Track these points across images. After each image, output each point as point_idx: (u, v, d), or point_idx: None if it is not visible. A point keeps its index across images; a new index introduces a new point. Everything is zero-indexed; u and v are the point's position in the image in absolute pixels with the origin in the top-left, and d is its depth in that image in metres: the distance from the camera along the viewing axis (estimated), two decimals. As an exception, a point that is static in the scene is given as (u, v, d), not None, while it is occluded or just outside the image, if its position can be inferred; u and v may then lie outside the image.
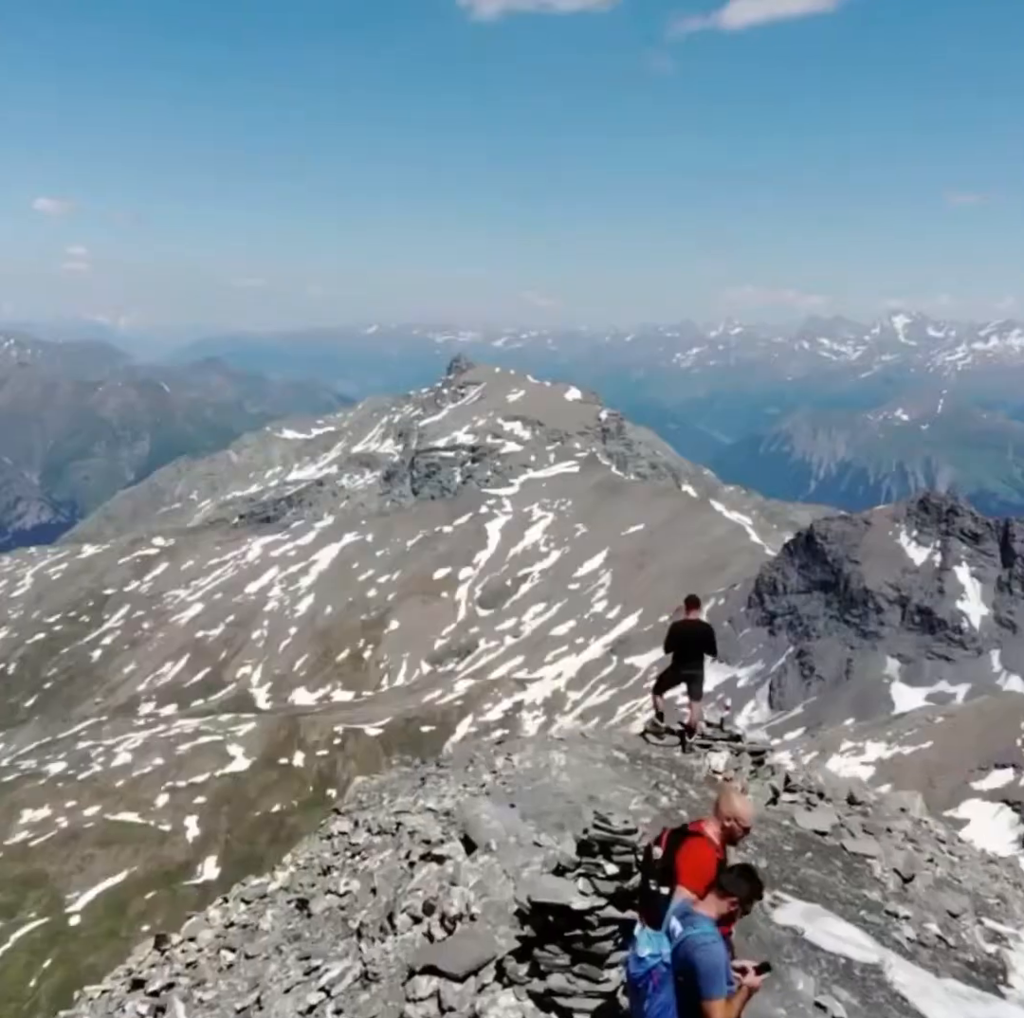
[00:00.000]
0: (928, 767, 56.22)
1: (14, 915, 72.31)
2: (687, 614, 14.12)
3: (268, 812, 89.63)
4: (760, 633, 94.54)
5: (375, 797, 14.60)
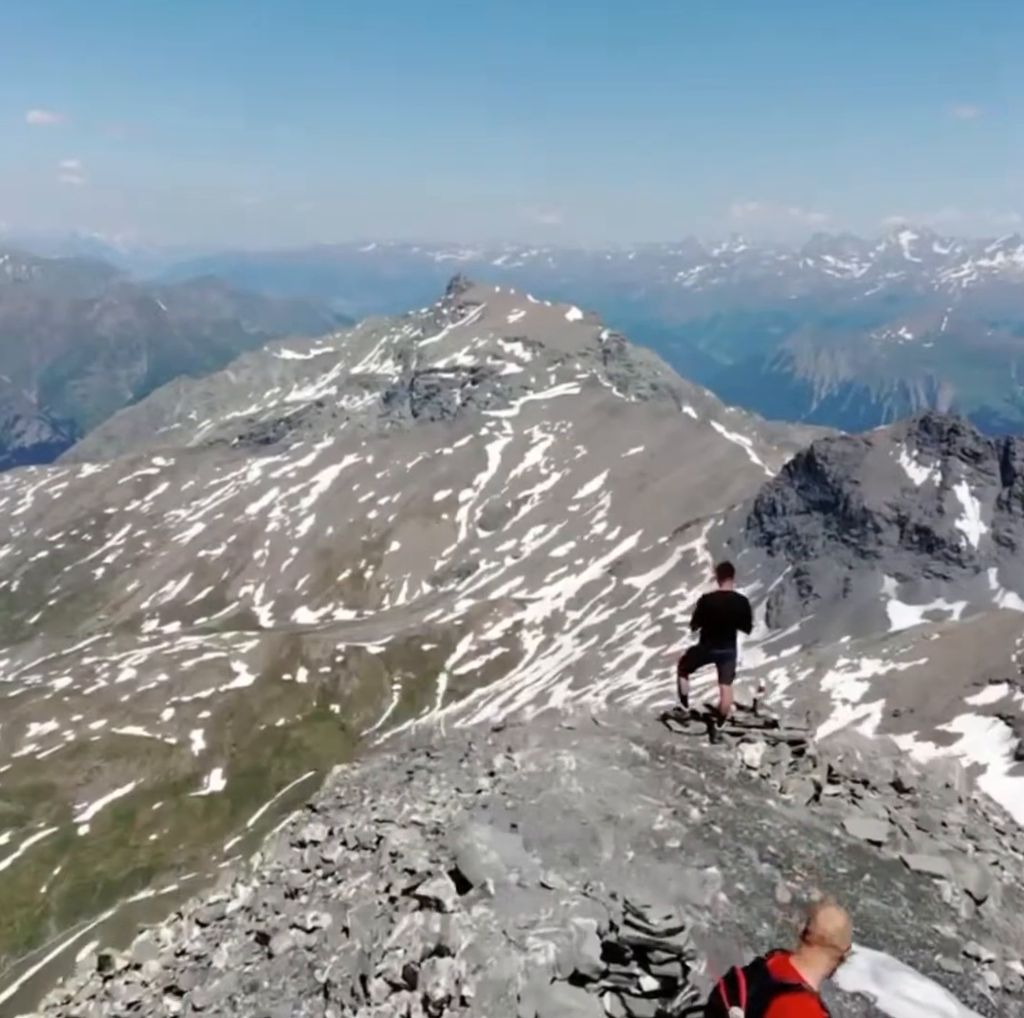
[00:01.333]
0: (922, 683, 56.64)
1: (23, 825, 73.85)
2: (719, 585, 12.26)
3: (272, 726, 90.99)
4: (758, 553, 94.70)
5: (355, 793, 12.37)
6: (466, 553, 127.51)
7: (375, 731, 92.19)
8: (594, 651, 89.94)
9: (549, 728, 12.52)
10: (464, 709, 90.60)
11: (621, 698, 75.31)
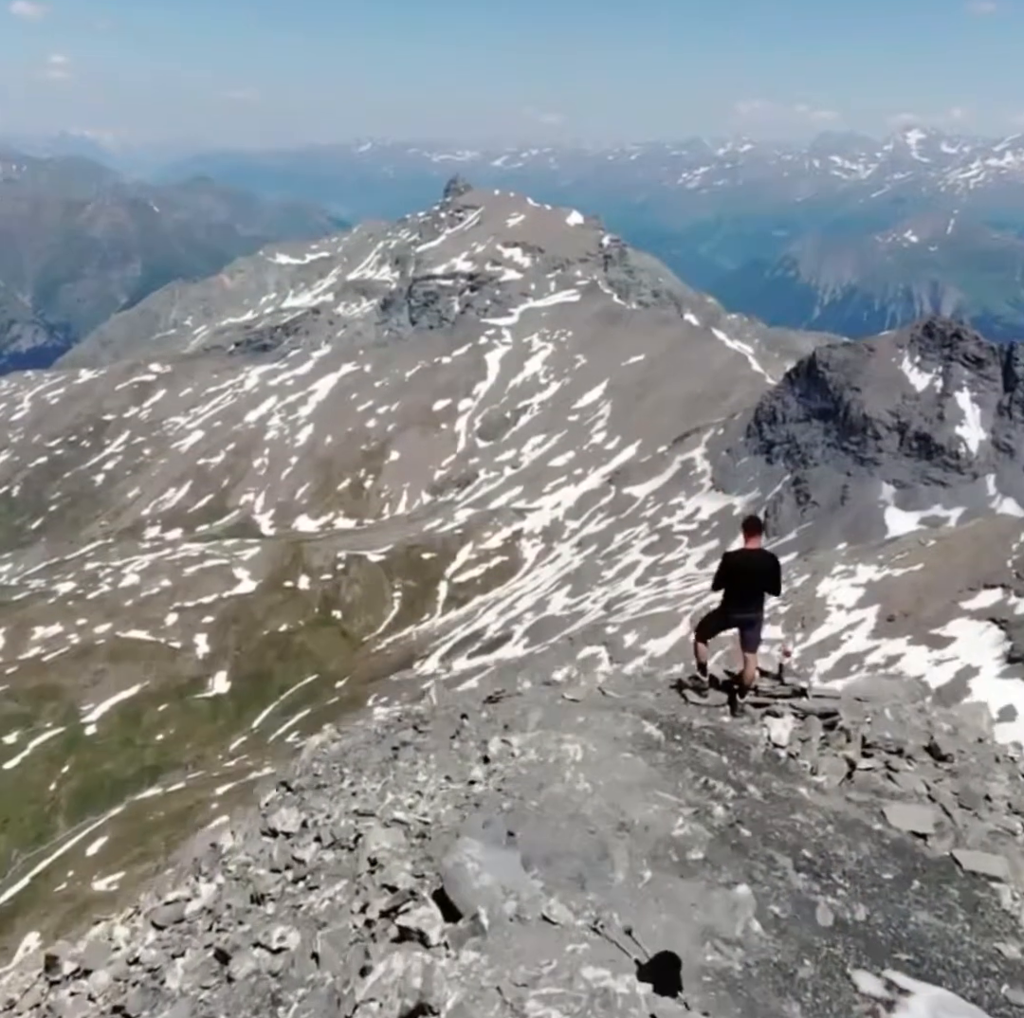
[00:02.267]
0: (917, 588, 56.80)
1: (31, 725, 75.08)
2: (746, 542, 10.68)
3: (275, 631, 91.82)
4: (758, 462, 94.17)
5: (334, 772, 10.84)
6: (465, 463, 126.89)
7: (376, 637, 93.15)
8: (592, 560, 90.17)
9: (551, 700, 10.84)
10: (464, 616, 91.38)
11: (619, 605, 75.83)
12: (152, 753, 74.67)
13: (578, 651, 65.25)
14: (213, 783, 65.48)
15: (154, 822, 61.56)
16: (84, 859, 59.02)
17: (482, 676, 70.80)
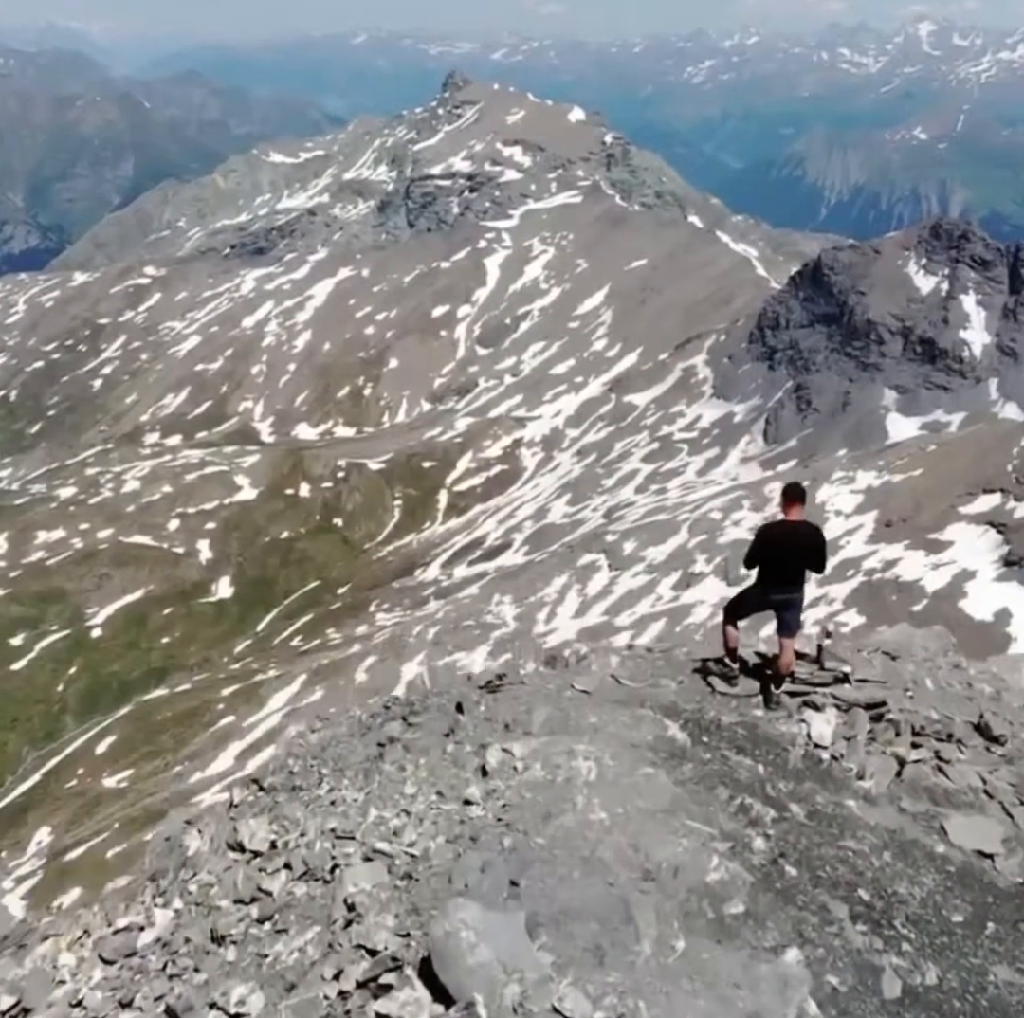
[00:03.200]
0: (916, 494, 56.54)
1: (37, 627, 75.62)
2: (786, 513, 9.21)
3: (277, 538, 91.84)
4: (759, 368, 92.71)
5: (311, 772, 9.29)
6: (465, 371, 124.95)
7: (377, 544, 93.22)
8: (592, 468, 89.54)
9: (558, 692, 9.32)
10: (464, 524, 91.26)
11: (618, 513, 75.56)
12: (158, 655, 75.42)
13: (578, 558, 65.22)
14: (219, 684, 66.23)
15: (161, 721, 62.46)
16: (93, 757, 60.08)
17: (483, 582, 71.08)
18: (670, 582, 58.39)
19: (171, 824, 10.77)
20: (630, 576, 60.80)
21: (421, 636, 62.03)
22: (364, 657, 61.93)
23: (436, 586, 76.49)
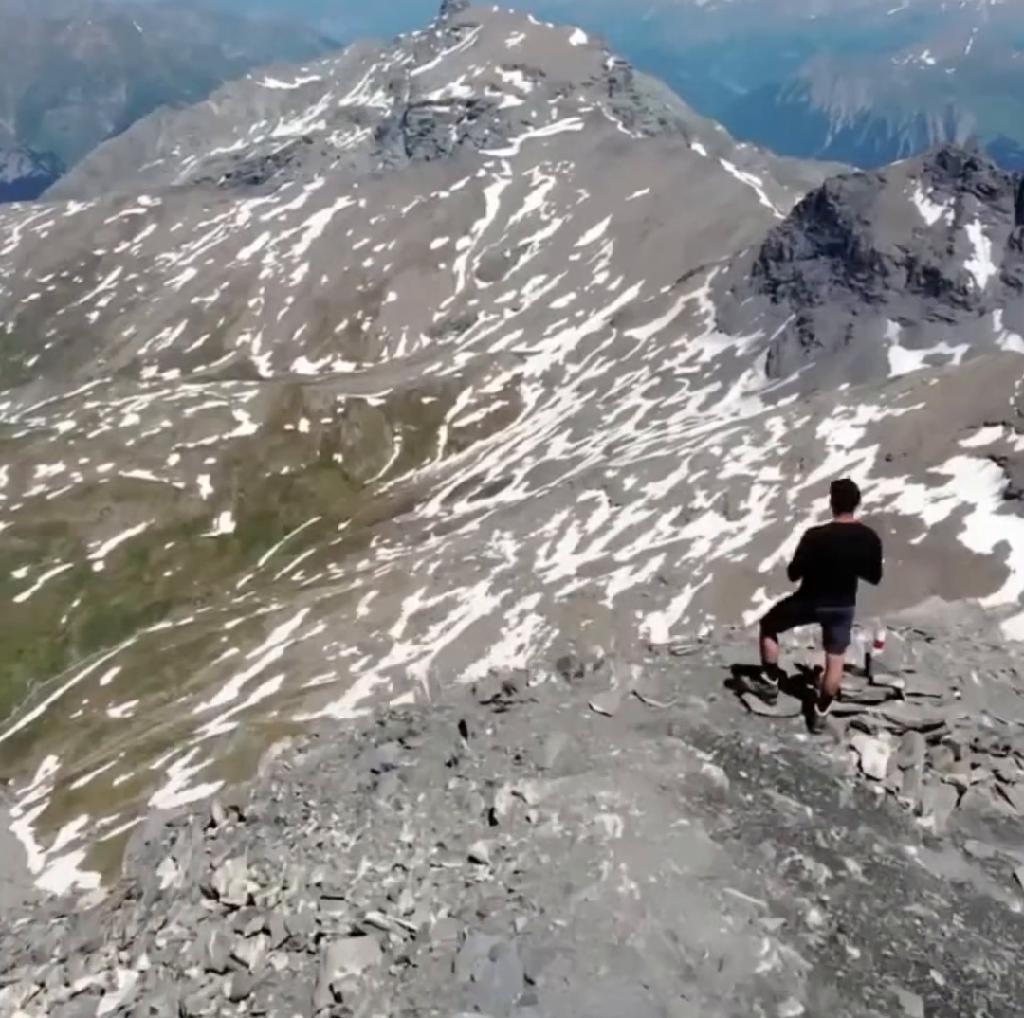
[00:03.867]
0: (918, 427, 55.98)
1: (39, 561, 75.47)
2: (836, 515, 8.01)
3: (277, 474, 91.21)
4: (762, 301, 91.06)
5: (296, 802, 7.88)
6: (464, 305, 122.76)
7: (377, 481, 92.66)
8: (592, 404, 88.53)
9: (574, 714, 7.98)
10: (464, 460, 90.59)
11: (619, 449, 74.88)
12: (161, 589, 75.46)
13: (578, 494, 64.76)
14: (222, 618, 66.33)
15: (165, 653, 62.66)
16: (98, 688, 60.41)
17: (483, 518, 70.76)
18: (669, 518, 58.03)
19: (150, 826, 9.64)
20: (630, 512, 60.40)
21: (422, 571, 61.90)
22: (365, 592, 61.89)
23: (436, 522, 76.23)
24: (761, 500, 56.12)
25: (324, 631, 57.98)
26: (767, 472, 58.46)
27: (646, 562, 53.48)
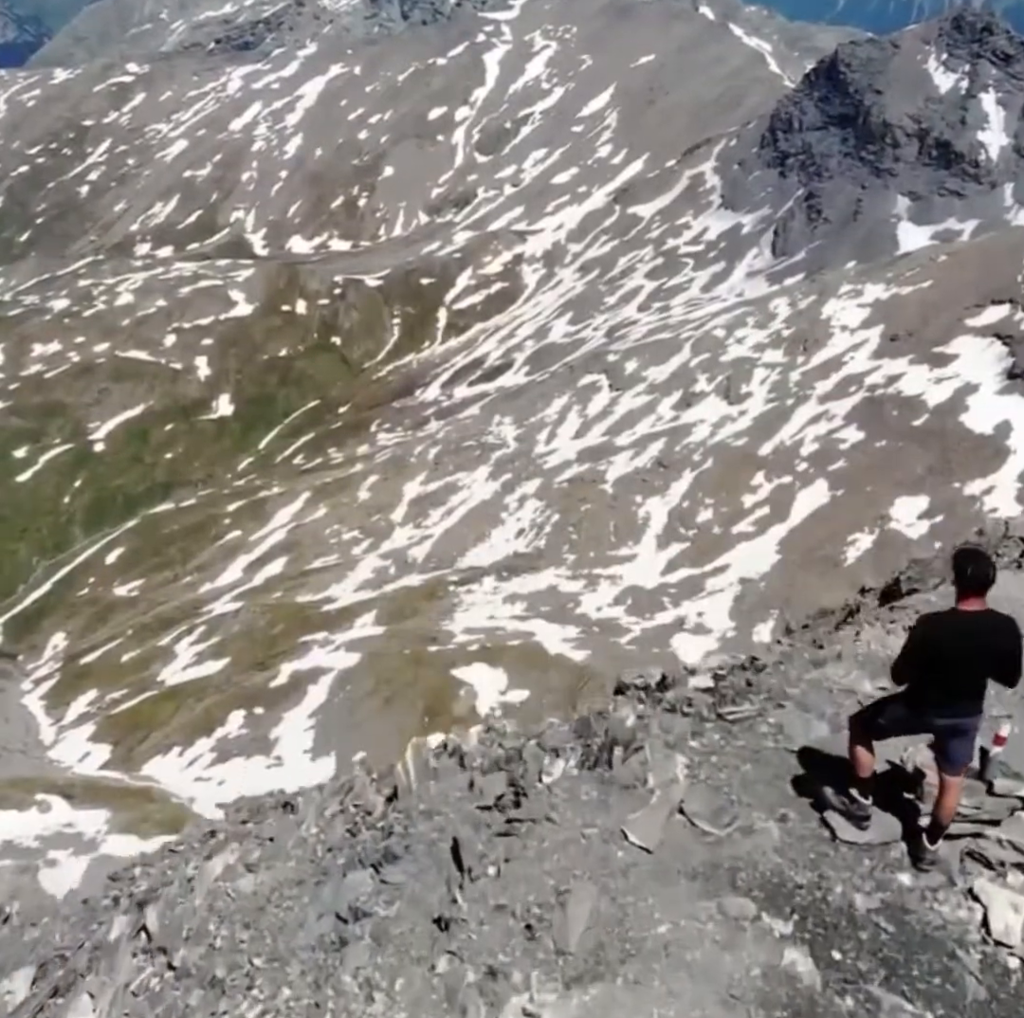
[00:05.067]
0: (924, 306, 54.04)
1: (39, 440, 74.06)
2: (961, 600, 5.57)
3: (275, 356, 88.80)
4: (770, 175, 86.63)
5: (241, 958, 5.97)
6: (463, 180, 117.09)
7: (376, 364, 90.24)
8: (594, 285, 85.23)
9: (603, 843, 5.54)
10: (464, 344, 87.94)
11: (620, 332, 72.47)
12: (162, 471, 74.35)
13: (578, 379, 62.91)
14: (224, 500, 65.51)
15: (168, 534, 62.12)
16: (103, 567, 60.08)
17: (483, 403, 69.07)
18: (670, 402, 56.43)
19: (94, 884, 7.45)
20: (631, 396, 58.73)
21: (422, 456, 60.72)
22: (366, 476, 60.87)
23: (436, 406, 74.45)
24: (763, 383, 54.48)
25: (325, 514, 57.23)
26: (770, 354, 56.64)
27: (646, 447, 52.23)
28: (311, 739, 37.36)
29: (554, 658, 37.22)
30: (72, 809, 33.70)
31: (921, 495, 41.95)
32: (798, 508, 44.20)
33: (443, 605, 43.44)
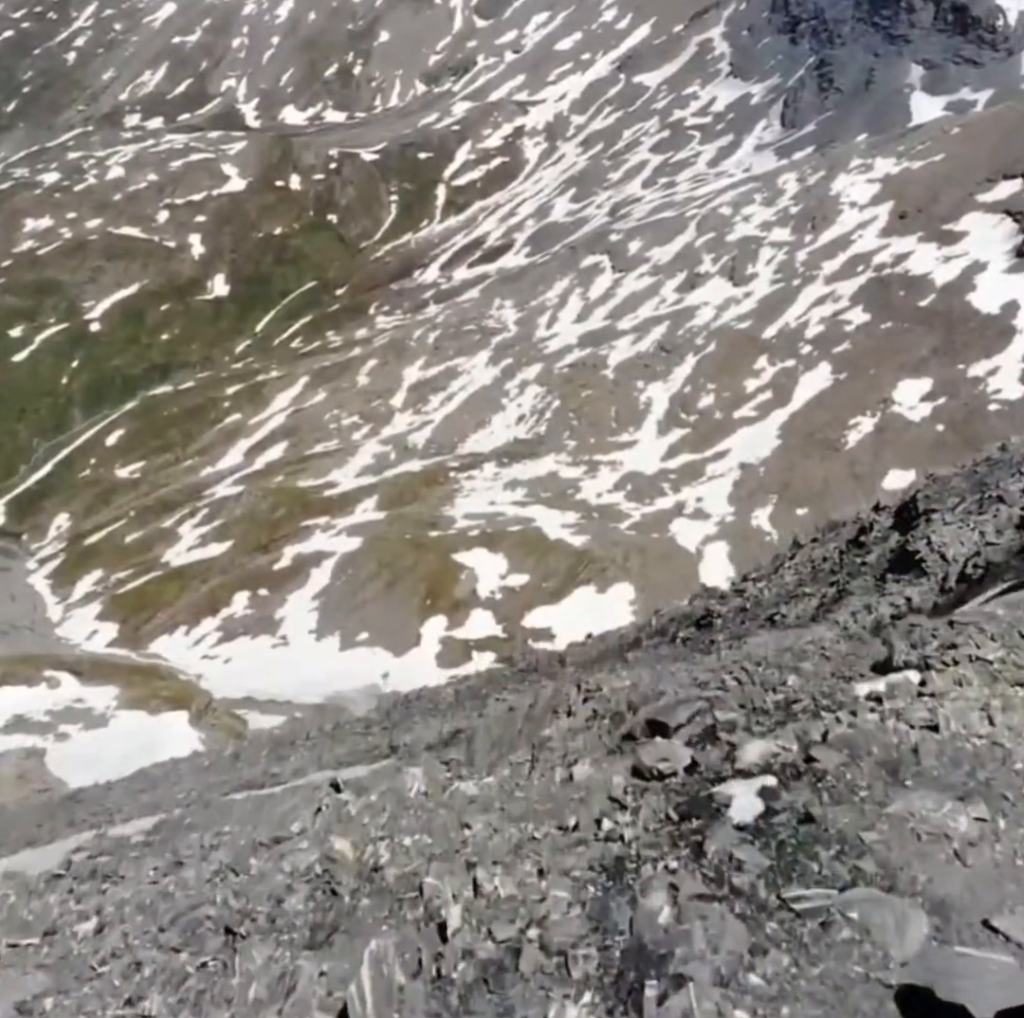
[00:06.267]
0: (935, 181, 51.28)
1: (34, 320, 71.38)
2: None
3: (270, 234, 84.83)
4: (781, 42, 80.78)
5: None
6: (462, 46, 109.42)
7: (374, 244, 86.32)
8: (598, 160, 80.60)
9: None
10: (464, 222, 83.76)
11: (624, 209, 68.84)
12: (159, 352, 72.01)
13: (580, 260, 60.06)
14: (222, 383, 63.62)
15: (168, 417, 60.58)
16: (104, 448, 58.79)
17: (483, 285, 66.15)
18: (674, 284, 53.95)
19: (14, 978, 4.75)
20: (634, 278, 56.12)
21: (421, 340, 58.54)
22: (365, 360, 58.85)
23: (436, 289, 71.45)
24: (769, 263, 52.01)
25: (325, 399, 55.57)
26: (777, 233, 53.92)
27: (648, 331, 50.17)
28: (315, 620, 37.18)
29: (554, 543, 36.50)
30: (81, 685, 33.59)
31: (924, 377, 40.49)
32: (800, 392, 42.75)
33: (444, 491, 42.53)
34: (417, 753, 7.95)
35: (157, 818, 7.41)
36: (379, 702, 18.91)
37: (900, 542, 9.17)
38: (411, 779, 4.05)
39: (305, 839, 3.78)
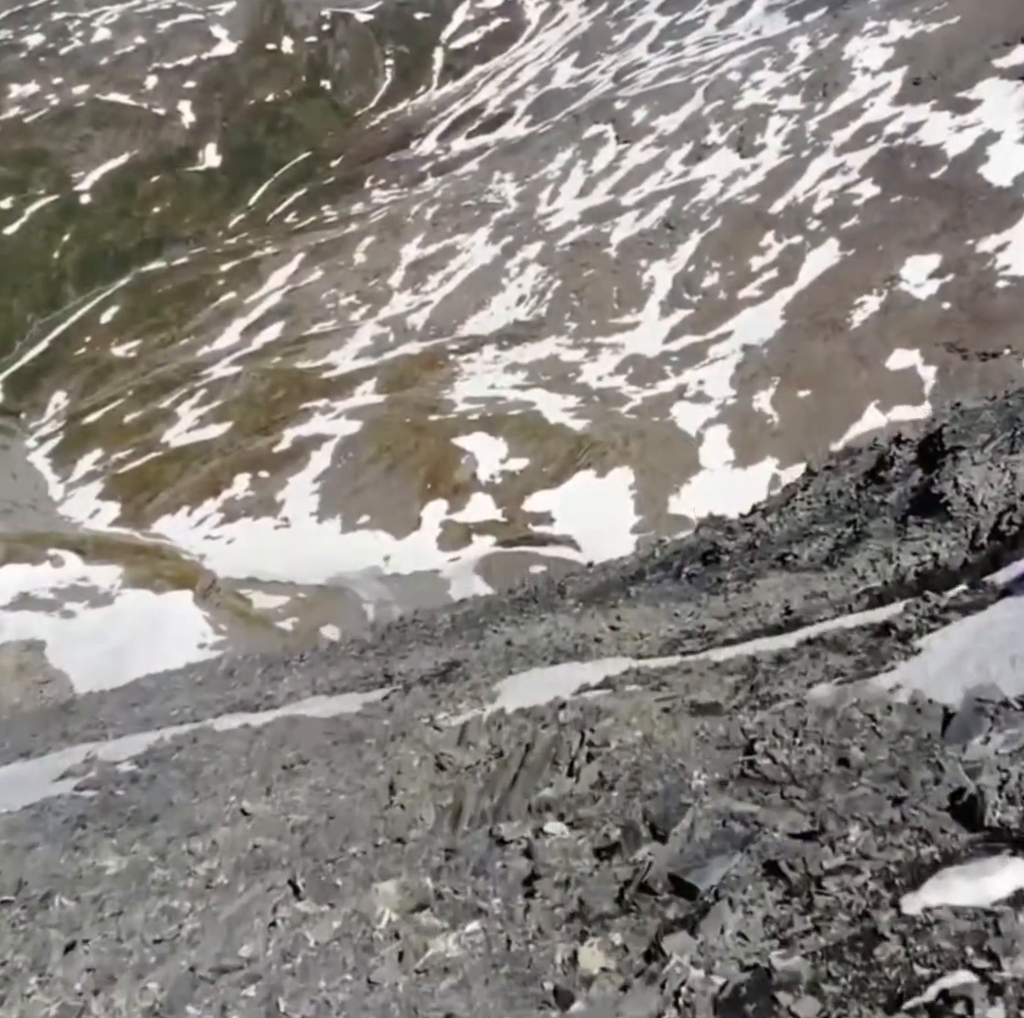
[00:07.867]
0: (950, 45, 46.80)
1: (23, 191, 66.77)
2: None
3: (262, 101, 78.65)
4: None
5: None
6: None
7: (369, 111, 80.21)
8: (602, 21, 73.77)
9: None
10: (462, 89, 77.45)
11: (629, 75, 63.29)
12: (151, 226, 67.78)
13: (583, 130, 55.46)
14: (216, 260, 60.04)
15: (163, 294, 57.45)
16: (99, 326, 55.96)
17: (483, 157, 61.46)
18: (680, 155, 49.89)
19: None
20: (638, 149, 51.89)
21: (419, 216, 54.67)
22: (362, 237, 55.14)
23: (433, 161, 66.53)
24: (778, 134, 47.92)
25: (321, 278, 52.38)
26: (787, 101, 49.52)
27: (653, 206, 46.59)
28: (316, 503, 35.85)
29: (554, 427, 34.66)
30: (85, 564, 32.47)
31: (933, 253, 37.63)
32: (807, 270, 39.89)
33: (443, 374, 40.40)
34: (412, 684, 7.44)
35: (146, 745, 7.40)
36: (374, 624, 18.46)
37: (924, 481, 8.33)
38: (382, 901, 2.63)
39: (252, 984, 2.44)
